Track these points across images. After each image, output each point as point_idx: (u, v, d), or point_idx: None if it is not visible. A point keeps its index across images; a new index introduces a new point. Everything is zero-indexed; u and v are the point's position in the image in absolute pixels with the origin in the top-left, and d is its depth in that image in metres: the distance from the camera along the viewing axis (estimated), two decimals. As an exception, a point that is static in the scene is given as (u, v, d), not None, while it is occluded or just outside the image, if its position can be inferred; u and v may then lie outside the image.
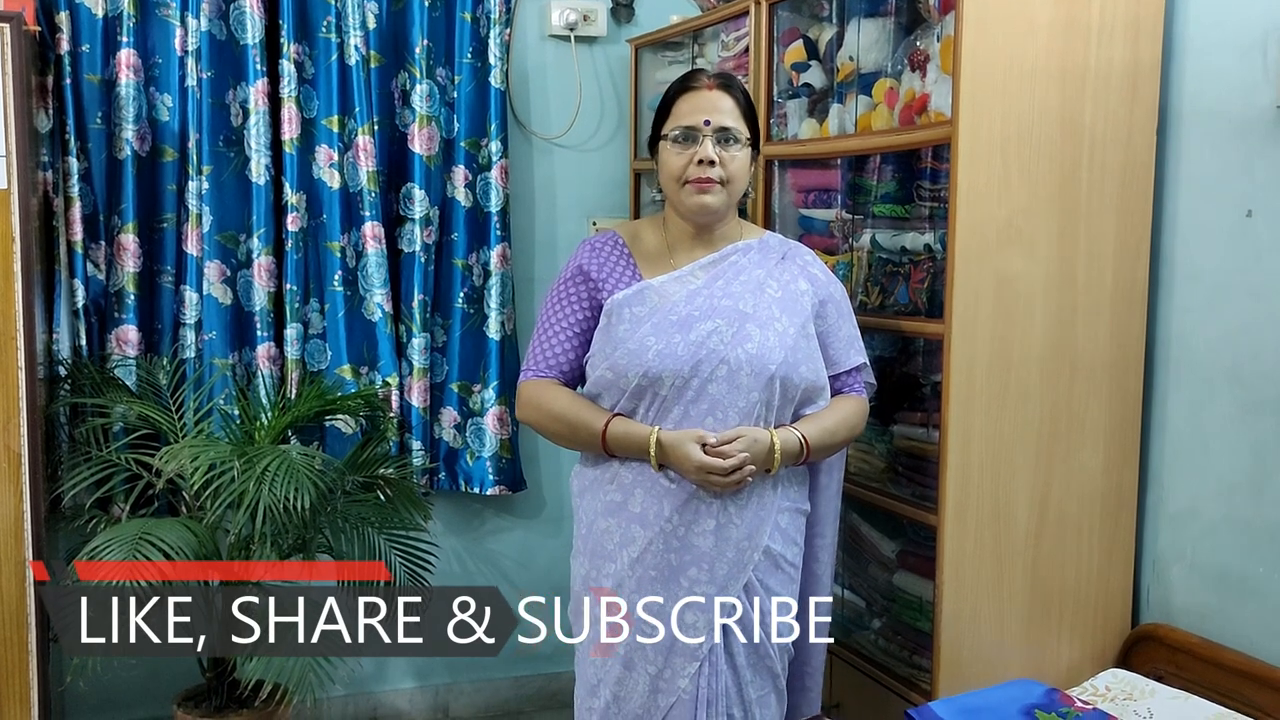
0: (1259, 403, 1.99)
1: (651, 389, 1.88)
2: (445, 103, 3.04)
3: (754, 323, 1.90)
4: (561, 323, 1.99)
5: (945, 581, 2.06)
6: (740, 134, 1.94)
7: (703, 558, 1.88)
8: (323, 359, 2.98)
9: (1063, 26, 2.03)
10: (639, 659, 1.91)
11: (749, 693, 1.93)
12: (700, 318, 1.90)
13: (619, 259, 2.00)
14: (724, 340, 1.88)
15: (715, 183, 1.92)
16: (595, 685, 1.95)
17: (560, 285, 2.02)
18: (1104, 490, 2.17)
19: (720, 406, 1.87)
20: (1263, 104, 1.97)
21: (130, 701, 2.87)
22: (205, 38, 2.79)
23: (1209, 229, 2.10)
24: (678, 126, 1.94)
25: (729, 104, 1.94)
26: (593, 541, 1.96)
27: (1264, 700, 1.92)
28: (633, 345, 1.89)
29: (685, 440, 1.84)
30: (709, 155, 1.90)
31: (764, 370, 1.88)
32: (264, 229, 2.86)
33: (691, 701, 1.89)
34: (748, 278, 1.95)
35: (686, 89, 1.97)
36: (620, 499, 1.92)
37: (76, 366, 2.70)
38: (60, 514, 2.65)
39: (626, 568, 1.91)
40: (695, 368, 1.87)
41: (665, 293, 1.93)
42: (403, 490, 2.77)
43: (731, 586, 1.90)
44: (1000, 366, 2.05)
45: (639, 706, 1.91)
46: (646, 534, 1.89)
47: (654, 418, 1.89)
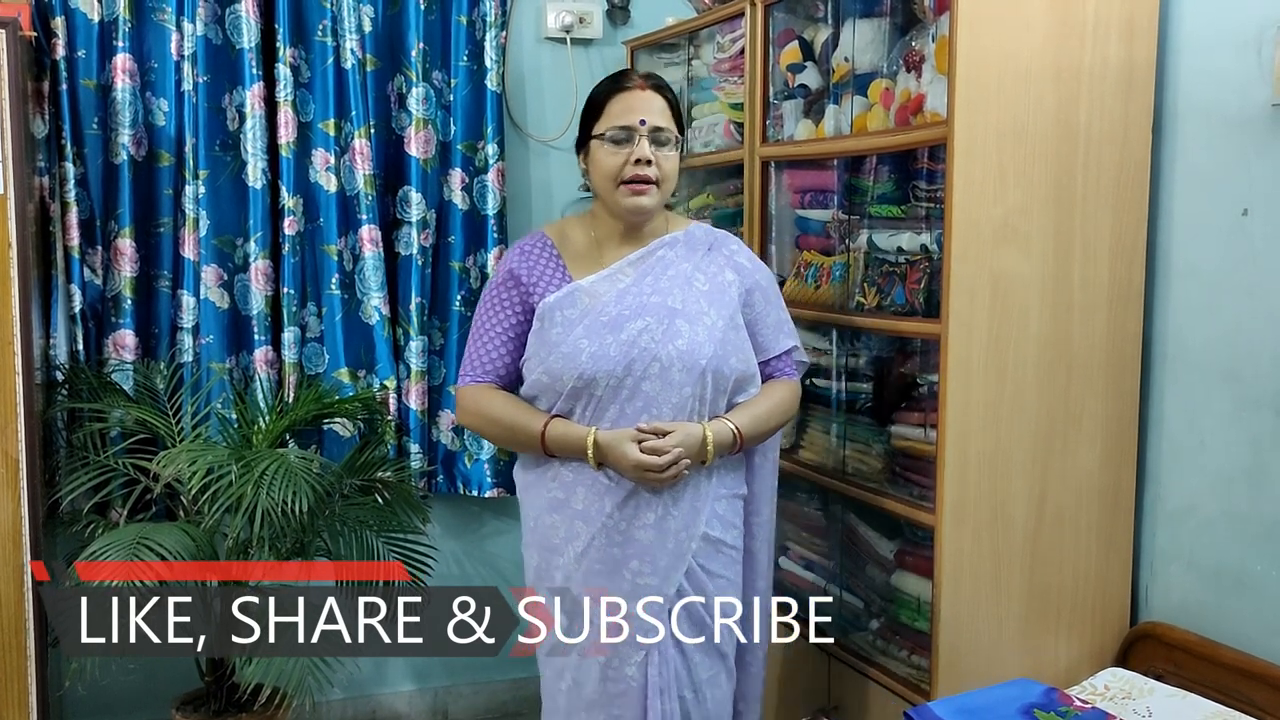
0: (1255, 400, 1.99)
1: (587, 390, 1.92)
2: (441, 106, 3.04)
3: (683, 318, 1.94)
4: (496, 328, 2.03)
5: (943, 581, 2.06)
6: (672, 134, 1.98)
7: (645, 550, 1.94)
8: (320, 362, 2.98)
9: (1057, 26, 2.03)
10: (590, 650, 1.96)
11: (698, 674, 1.99)
12: (631, 316, 1.93)
13: (548, 260, 2.03)
14: (655, 338, 1.92)
15: (652, 183, 1.95)
16: (560, 668, 2.01)
17: (492, 290, 2.05)
18: (1101, 489, 2.17)
19: (655, 403, 1.92)
20: (1258, 102, 1.97)
21: (129, 706, 2.87)
22: (201, 42, 2.79)
23: (1205, 227, 2.10)
24: (613, 126, 1.96)
25: (661, 104, 1.98)
26: (540, 535, 2.02)
27: (1262, 698, 1.92)
28: (566, 349, 1.92)
29: (622, 440, 1.89)
30: (646, 155, 1.94)
31: (695, 365, 1.93)
32: (261, 233, 2.86)
33: (640, 690, 1.94)
34: (675, 272, 1.99)
35: (618, 89, 1.99)
36: (563, 496, 1.97)
37: (74, 371, 2.70)
38: (58, 519, 2.65)
39: (573, 562, 1.96)
40: (628, 367, 1.91)
41: (595, 293, 1.97)
42: (401, 493, 2.77)
43: (674, 575, 1.95)
44: (997, 366, 2.05)
45: (592, 692, 1.97)
46: (589, 530, 1.95)
47: (590, 417, 1.94)
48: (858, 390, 2.40)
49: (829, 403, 2.47)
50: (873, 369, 2.36)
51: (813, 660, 2.47)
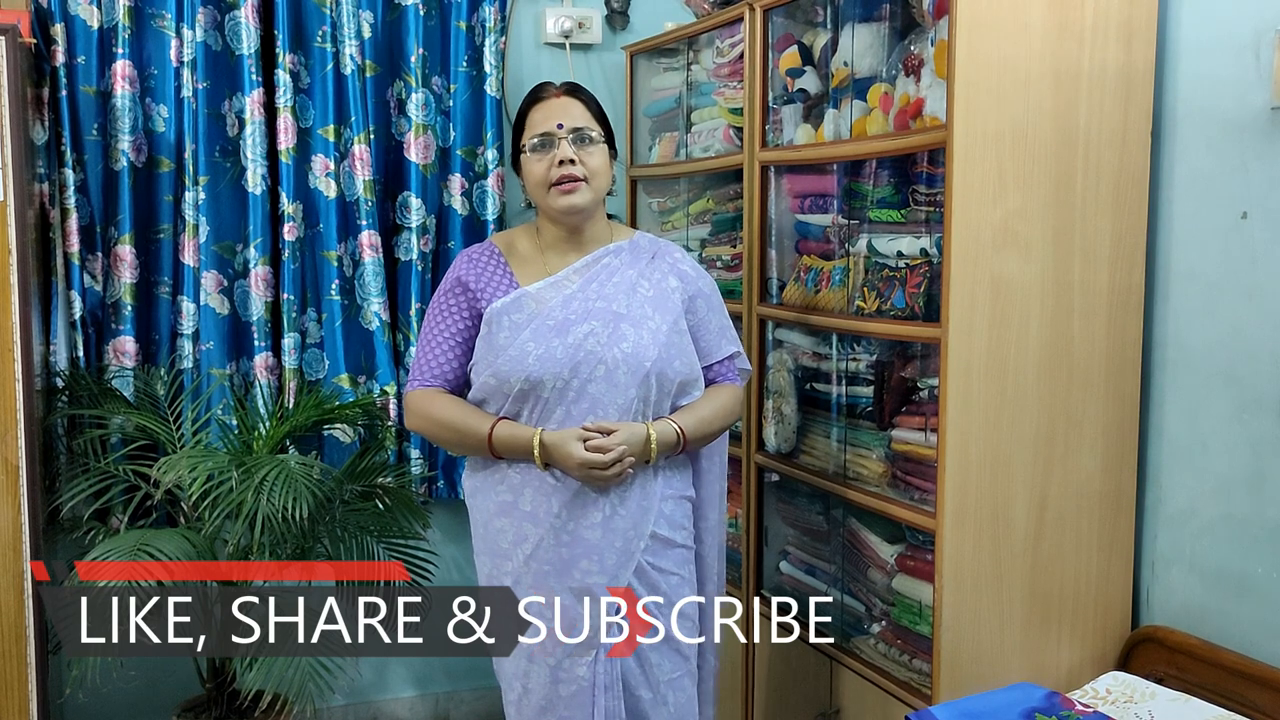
0: (1256, 402, 1.99)
1: (534, 392, 1.96)
2: (441, 111, 3.04)
3: (628, 322, 1.99)
4: (444, 333, 2.06)
5: (945, 585, 2.06)
6: (594, 132, 2.04)
7: (592, 549, 1.97)
8: (320, 368, 2.98)
9: (1056, 29, 2.03)
10: (538, 652, 1.99)
11: (656, 675, 2.02)
12: (577, 321, 1.98)
13: (495, 268, 2.08)
14: (600, 341, 1.97)
15: (579, 180, 2.01)
16: (510, 679, 2.04)
17: (440, 297, 2.09)
18: (1102, 492, 2.17)
19: (600, 405, 1.96)
20: (1257, 105, 1.97)
21: (130, 713, 2.87)
22: (201, 48, 2.79)
23: (1204, 230, 2.10)
24: (534, 135, 2.03)
25: (579, 107, 2.05)
26: (489, 541, 2.04)
27: (1264, 701, 1.91)
28: (513, 352, 1.96)
29: (568, 439, 1.93)
30: (567, 155, 2.00)
31: (639, 368, 1.98)
32: (261, 239, 2.87)
33: (590, 688, 1.97)
34: (620, 279, 2.05)
35: (536, 100, 2.07)
36: (511, 499, 2.00)
37: (74, 378, 2.70)
38: (59, 525, 2.65)
39: (522, 564, 1.99)
40: (574, 369, 1.96)
41: (542, 299, 2.01)
42: (401, 498, 2.77)
43: (622, 574, 1.99)
44: (997, 370, 2.05)
45: (542, 697, 1.99)
46: (538, 531, 1.98)
47: (538, 419, 1.98)
48: (858, 394, 2.40)
49: (830, 407, 2.47)
50: (873, 373, 2.35)
51: (814, 664, 2.46)
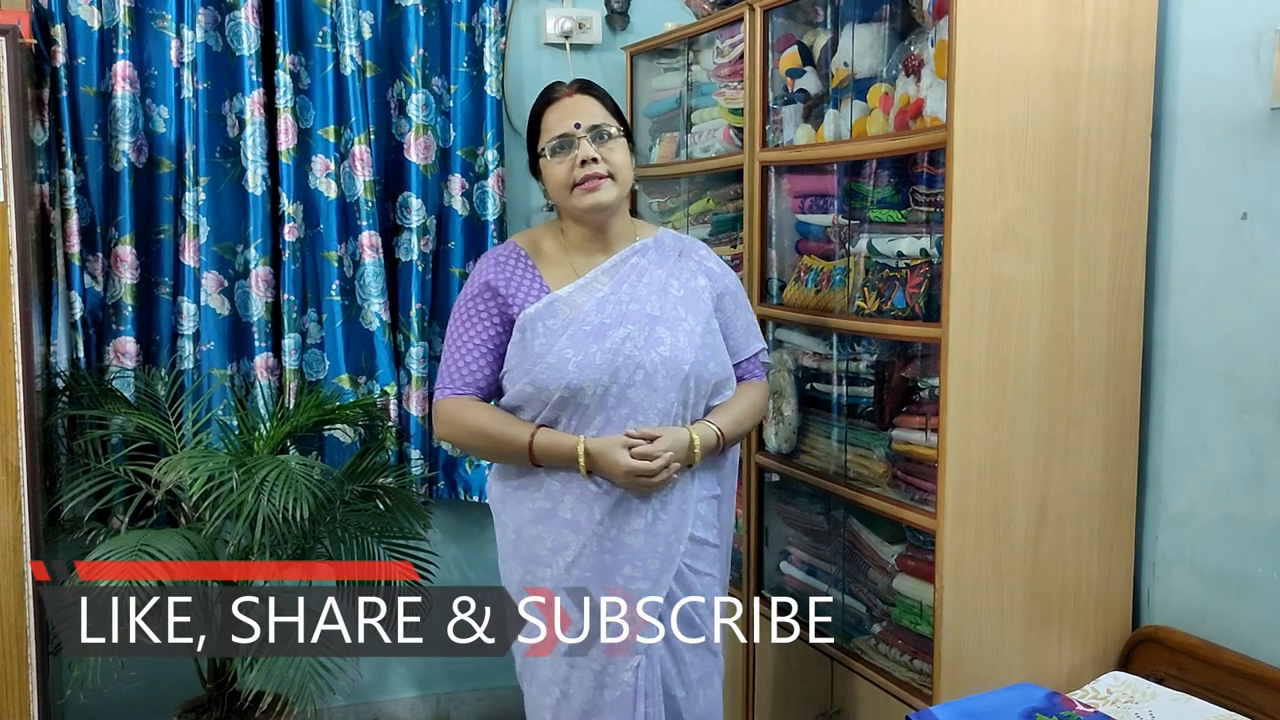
0: (1256, 403, 1.99)
1: (574, 400, 1.93)
2: (441, 112, 3.04)
3: (663, 325, 1.97)
4: (474, 340, 2.02)
5: (945, 585, 2.06)
6: (612, 128, 2.01)
7: (636, 555, 1.95)
8: (321, 369, 2.98)
9: (1056, 30, 2.03)
10: (581, 658, 1.97)
11: (689, 674, 2.01)
12: (613, 325, 1.95)
13: (524, 270, 2.04)
14: (638, 346, 1.94)
15: (603, 177, 1.98)
16: (546, 684, 2.01)
17: (468, 302, 2.04)
18: (1103, 492, 2.17)
19: (640, 410, 1.94)
20: (1257, 106, 1.97)
21: (130, 714, 2.87)
22: (201, 49, 2.80)
23: (1204, 231, 2.10)
24: (552, 138, 2.00)
25: (594, 105, 2.01)
26: (524, 548, 2.00)
27: (1265, 701, 1.91)
28: (552, 359, 1.93)
29: (613, 447, 1.90)
30: (589, 154, 1.97)
31: (678, 371, 1.96)
32: (261, 239, 2.87)
33: (633, 693, 1.95)
34: (650, 279, 2.02)
35: (550, 102, 2.03)
36: (549, 506, 1.97)
37: (74, 378, 2.71)
38: (59, 526, 2.65)
39: (562, 571, 1.96)
40: (614, 375, 1.93)
41: (575, 303, 1.98)
42: (402, 499, 2.77)
43: (664, 578, 1.97)
44: (998, 370, 2.05)
45: (585, 702, 1.97)
46: (579, 539, 1.95)
47: (576, 426, 1.95)
48: (858, 394, 2.40)
49: (830, 407, 2.47)
50: (873, 373, 2.35)
51: (814, 664, 2.46)
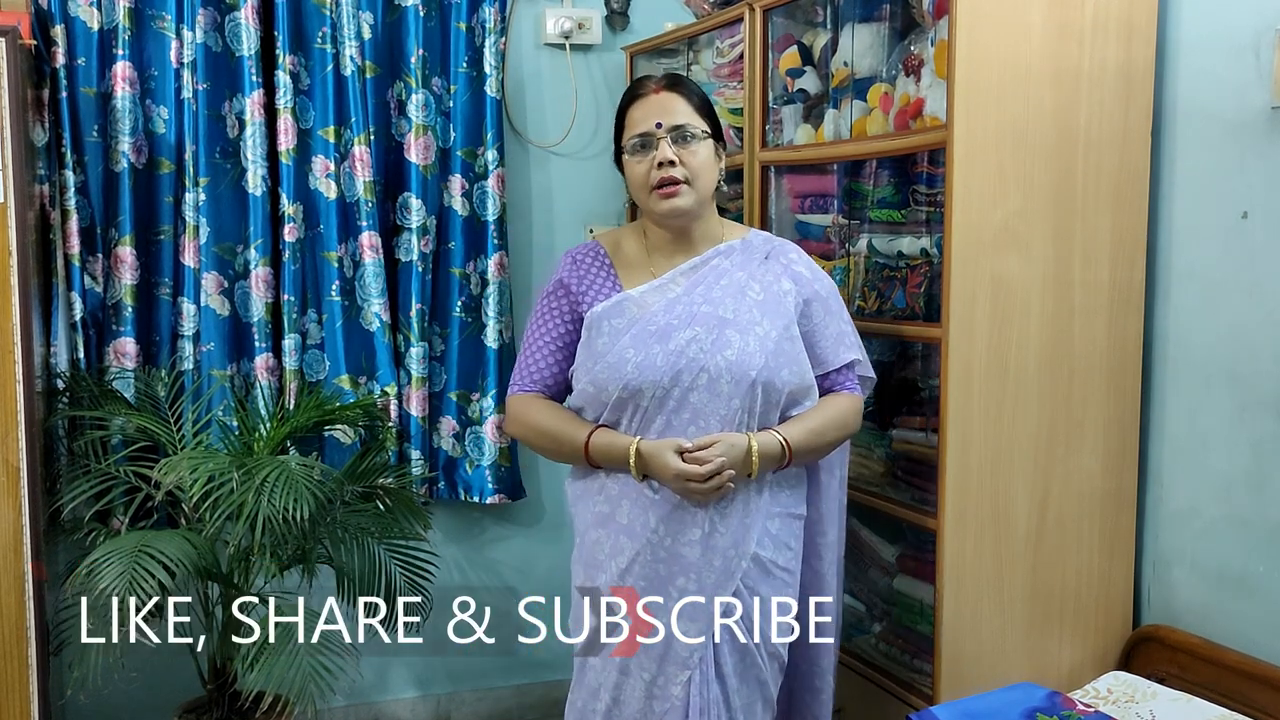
0: (1257, 401, 1.99)
1: (632, 401, 1.88)
2: (441, 112, 3.04)
3: (734, 328, 1.89)
4: (544, 337, 2.00)
5: (945, 585, 2.06)
6: (696, 129, 1.93)
7: (690, 567, 1.88)
8: (321, 369, 2.98)
9: (1056, 29, 2.03)
10: (634, 665, 1.92)
11: (735, 700, 1.93)
12: (680, 326, 1.89)
13: (600, 270, 2.01)
14: (703, 348, 1.87)
15: (681, 182, 1.91)
16: (596, 689, 1.96)
17: (543, 300, 2.03)
18: (1103, 491, 2.17)
19: (702, 415, 1.87)
20: (1256, 105, 1.97)
21: (131, 714, 2.86)
22: (201, 50, 2.79)
23: (1204, 230, 2.10)
24: (634, 135, 1.95)
25: (680, 103, 1.94)
26: (585, 552, 1.98)
27: (1266, 701, 1.91)
28: (612, 358, 1.89)
29: (664, 450, 1.84)
30: (667, 156, 1.91)
31: (744, 377, 1.87)
32: (261, 240, 2.86)
33: (684, 708, 1.89)
34: (729, 281, 1.94)
35: (636, 97, 1.98)
36: (608, 510, 1.93)
37: (74, 379, 2.70)
38: (60, 527, 2.65)
39: (616, 578, 1.91)
40: (675, 377, 1.87)
41: (644, 303, 1.93)
42: (402, 500, 2.77)
43: (720, 596, 1.90)
44: (998, 369, 2.05)
45: (636, 711, 1.92)
46: (634, 545, 1.90)
47: (637, 429, 1.90)
48: (859, 394, 2.40)
49: (830, 407, 2.46)
50: (874, 372, 2.35)
51: (815, 665, 2.46)
